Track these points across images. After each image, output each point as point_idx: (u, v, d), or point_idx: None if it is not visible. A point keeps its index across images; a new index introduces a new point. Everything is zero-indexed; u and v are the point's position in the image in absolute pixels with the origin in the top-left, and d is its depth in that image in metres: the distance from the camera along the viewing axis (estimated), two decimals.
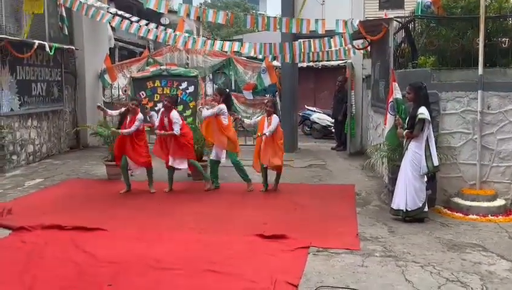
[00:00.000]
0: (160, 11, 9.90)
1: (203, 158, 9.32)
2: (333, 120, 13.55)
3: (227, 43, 10.01)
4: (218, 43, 9.87)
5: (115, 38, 16.04)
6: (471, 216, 6.53)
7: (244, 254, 5.19)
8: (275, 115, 8.03)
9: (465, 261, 4.96)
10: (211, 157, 8.22)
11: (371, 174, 9.35)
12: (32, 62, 10.68)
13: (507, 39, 7.35)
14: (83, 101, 12.91)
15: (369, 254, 5.17)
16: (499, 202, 6.78)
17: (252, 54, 10.37)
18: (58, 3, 11.46)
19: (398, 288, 4.30)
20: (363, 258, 5.05)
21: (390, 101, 6.79)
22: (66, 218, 6.34)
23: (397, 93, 6.72)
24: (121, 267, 4.80)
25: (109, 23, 11.92)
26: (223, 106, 7.88)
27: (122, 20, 10.19)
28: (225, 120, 7.90)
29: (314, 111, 16.71)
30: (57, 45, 11.13)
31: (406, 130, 6.33)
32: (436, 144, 6.44)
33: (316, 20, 8.78)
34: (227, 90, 8.87)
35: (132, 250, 5.27)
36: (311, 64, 18.74)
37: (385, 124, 7.04)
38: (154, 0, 9.38)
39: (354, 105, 12.16)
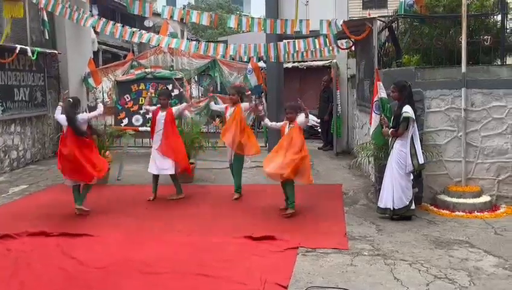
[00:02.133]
0: (145, 16, 9.83)
1: (190, 161, 9.29)
2: (319, 120, 13.58)
3: (211, 45, 9.97)
4: (202, 45, 9.82)
5: (98, 42, 15.94)
6: (457, 213, 6.60)
7: (233, 255, 5.18)
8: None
9: (452, 258, 5.00)
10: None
11: (358, 174, 9.39)
12: (14, 67, 10.53)
13: (489, 37, 7.44)
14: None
15: (357, 253, 5.19)
16: (485, 198, 6.85)
17: (237, 57, 10.36)
18: (39, 7, 11.33)
19: (387, 286, 4.32)
20: (351, 257, 5.06)
21: (375, 100, 6.82)
22: (52, 224, 6.27)
23: (382, 93, 6.75)
24: (109, 272, 4.76)
25: (93, 27, 11.83)
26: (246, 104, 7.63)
27: (106, 23, 10.10)
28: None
29: None
30: (39, 49, 11.00)
31: (391, 129, 6.37)
32: (421, 142, 6.49)
33: (300, 21, 8.79)
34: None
35: (120, 254, 5.23)
36: (296, 64, 18.79)
37: (370, 123, 7.08)
38: (138, 5, 9.30)
39: (339, 105, 12.20)
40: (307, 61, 17.27)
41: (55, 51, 12.14)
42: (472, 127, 7.01)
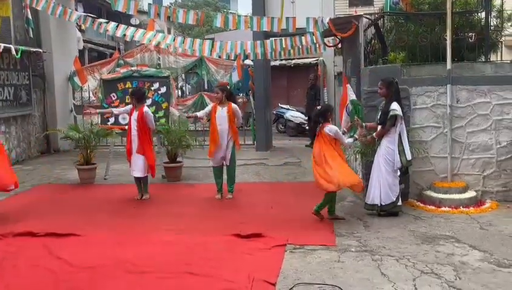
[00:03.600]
0: (130, 13, 9.78)
1: (177, 159, 9.28)
2: (307, 117, 13.64)
3: (197, 41, 9.94)
4: (188, 40, 9.79)
5: (84, 40, 15.83)
6: (443, 208, 6.66)
7: (221, 254, 5.17)
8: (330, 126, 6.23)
9: (438, 253, 5.05)
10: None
11: None
12: None
13: (474, 34, 7.52)
14: (53, 104, 12.65)
15: (345, 249, 5.22)
16: (470, 193, 6.93)
17: (224, 55, 10.35)
18: (23, 4, 11.22)
19: (374, 282, 4.35)
20: (339, 253, 5.09)
21: (347, 104, 6.87)
22: (38, 224, 6.20)
23: (351, 95, 6.83)
24: (96, 272, 4.72)
25: (77, 24, 11.74)
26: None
27: (93, 21, 10.03)
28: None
29: (288, 109, 16.79)
30: (23, 47, 10.88)
31: (379, 128, 6.40)
32: (407, 138, 6.54)
33: (287, 19, 8.80)
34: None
35: (108, 254, 5.19)
36: (283, 62, 18.83)
37: (341, 124, 7.10)
38: (122, 2, 9.24)
39: (326, 102, 12.26)
40: (294, 59, 17.32)
41: (40, 50, 12.02)
42: (457, 124, 7.08)
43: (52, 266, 4.91)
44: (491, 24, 7.81)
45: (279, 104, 17.17)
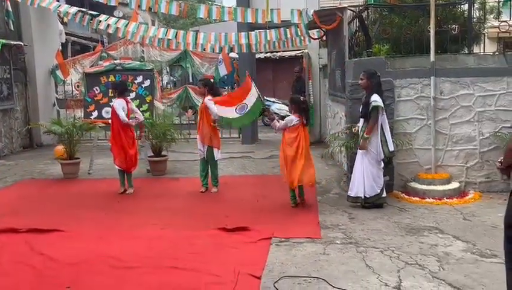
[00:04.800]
0: (111, 4, 9.64)
1: (162, 153, 9.21)
2: None
3: (181, 32, 9.84)
4: (171, 31, 9.67)
5: (67, 33, 15.60)
6: (427, 200, 6.72)
7: (207, 248, 5.15)
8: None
9: (422, 244, 5.09)
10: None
11: (331, 163, 9.46)
12: None
13: (456, 26, 7.56)
14: (35, 98, 12.47)
15: (330, 241, 5.23)
16: (454, 184, 6.99)
17: (208, 47, 10.27)
18: None
19: (359, 274, 4.37)
20: (324, 246, 5.10)
21: (244, 102, 6.71)
22: (21, 220, 6.11)
23: (255, 92, 6.69)
24: (80, 269, 4.67)
25: (59, 16, 11.56)
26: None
27: (76, 14, 9.87)
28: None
29: (274, 102, 16.76)
30: (3, 41, 10.70)
31: (361, 121, 6.41)
32: (392, 130, 6.57)
33: (271, 10, 8.75)
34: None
35: (92, 250, 5.13)
36: (269, 55, 18.79)
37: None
38: None
39: (312, 95, 12.25)
40: (279, 51, 17.27)
41: (21, 43, 11.83)
42: (441, 115, 7.13)
43: (35, 262, 4.85)
44: (474, 16, 7.86)
45: (265, 97, 17.14)
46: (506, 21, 7.43)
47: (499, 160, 3.33)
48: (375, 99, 6.24)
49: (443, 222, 5.85)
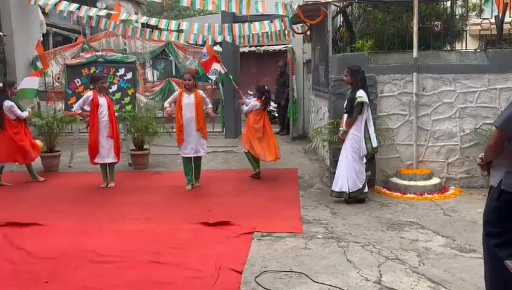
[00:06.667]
0: None
1: (144, 146, 9.13)
2: (276, 105, 13.61)
3: (163, 21, 9.72)
4: (153, 20, 9.54)
5: (48, 24, 15.31)
6: (408, 195, 6.77)
7: (189, 242, 5.12)
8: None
9: (403, 239, 5.12)
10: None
11: (314, 158, 9.48)
12: None
13: (439, 22, 7.61)
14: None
15: (311, 236, 5.24)
16: (435, 180, 7.05)
17: (191, 39, 10.18)
18: None
19: (339, 269, 4.38)
20: (306, 240, 5.11)
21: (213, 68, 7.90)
22: None
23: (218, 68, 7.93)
24: (59, 263, 4.60)
25: (40, 7, 11.34)
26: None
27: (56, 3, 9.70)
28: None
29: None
30: None
31: (345, 117, 6.42)
32: (374, 126, 6.59)
33: (256, 2, 8.70)
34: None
35: (71, 244, 5.07)
36: (253, 49, 18.72)
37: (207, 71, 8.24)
38: None
39: (295, 89, 12.25)
40: (263, 46, 17.23)
41: (0, 33, 11.58)
42: (423, 111, 7.18)
43: (13, 256, 4.77)
44: (457, 13, 7.92)
45: (249, 92, 17.08)
46: (488, 18, 7.52)
47: (480, 156, 3.36)
48: (361, 95, 6.25)
49: (424, 217, 5.90)
